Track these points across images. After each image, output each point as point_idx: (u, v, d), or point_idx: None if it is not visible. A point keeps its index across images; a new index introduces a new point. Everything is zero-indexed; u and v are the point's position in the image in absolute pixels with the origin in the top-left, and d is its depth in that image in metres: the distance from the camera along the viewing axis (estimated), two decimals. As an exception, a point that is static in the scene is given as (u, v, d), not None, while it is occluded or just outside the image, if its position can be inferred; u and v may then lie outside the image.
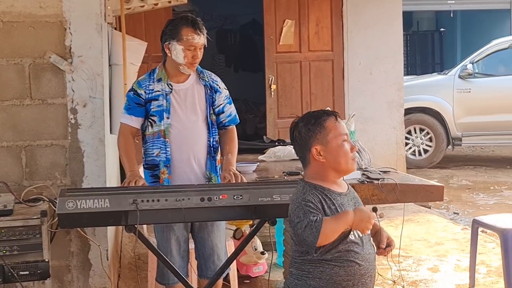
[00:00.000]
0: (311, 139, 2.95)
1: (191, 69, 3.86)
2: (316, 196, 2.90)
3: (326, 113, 3.00)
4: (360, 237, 2.94)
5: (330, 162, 2.95)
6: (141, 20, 7.36)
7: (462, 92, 10.43)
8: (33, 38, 4.26)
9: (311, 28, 8.29)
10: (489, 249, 5.77)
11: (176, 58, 3.83)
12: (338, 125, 2.99)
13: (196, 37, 3.79)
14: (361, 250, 2.94)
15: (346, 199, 3.00)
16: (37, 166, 4.32)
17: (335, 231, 2.82)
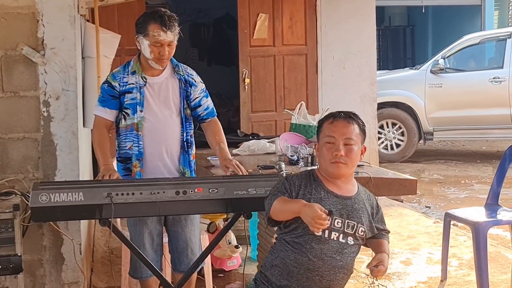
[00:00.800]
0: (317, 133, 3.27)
1: (159, 64, 3.83)
2: (302, 179, 3.14)
3: (334, 115, 3.20)
4: (330, 239, 3.07)
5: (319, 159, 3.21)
6: (114, 12, 7.29)
7: (434, 87, 10.52)
8: (5, 29, 4.20)
9: (285, 22, 8.28)
10: (461, 242, 5.84)
11: (144, 52, 3.82)
12: (330, 126, 3.15)
13: (162, 34, 3.75)
14: (320, 247, 3.06)
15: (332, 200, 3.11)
16: (9, 159, 4.26)
17: (281, 211, 3.06)
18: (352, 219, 3.13)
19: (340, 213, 3.11)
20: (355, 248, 3.17)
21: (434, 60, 10.71)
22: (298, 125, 5.08)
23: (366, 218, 3.18)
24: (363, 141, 3.22)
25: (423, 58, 14.78)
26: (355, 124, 3.18)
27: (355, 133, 3.16)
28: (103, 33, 5.17)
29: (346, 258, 3.12)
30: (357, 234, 3.14)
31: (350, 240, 3.12)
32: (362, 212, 3.17)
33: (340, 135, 3.13)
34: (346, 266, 3.13)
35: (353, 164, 3.16)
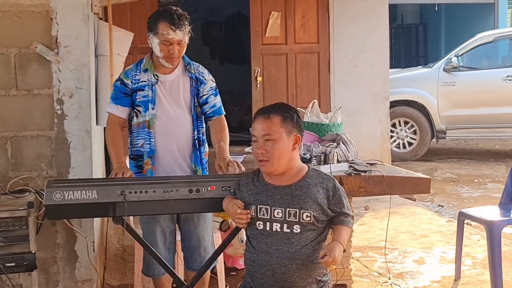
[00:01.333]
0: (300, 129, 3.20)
1: (169, 63, 3.84)
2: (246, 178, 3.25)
3: (256, 113, 3.18)
4: (273, 231, 3.06)
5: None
6: (127, 11, 7.32)
7: (447, 85, 10.47)
8: (19, 28, 4.22)
9: (297, 20, 8.27)
10: (474, 241, 5.81)
11: (154, 50, 3.83)
12: (253, 125, 3.14)
13: (171, 32, 3.75)
14: (265, 241, 3.08)
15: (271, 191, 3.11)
16: (23, 157, 4.28)
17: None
18: (292, 206, 3.06)
19: (279, 203, 3.07)
20: (306, 236, 3.06)
21: (447, 58, 10.66)
22: (310, 123, 5.05)
23: (313, 202, 3.07)
24: (290, 131, 3.11)
25: (436, 56, 14.71)
26: (275, 117, 3.09)
27: (274, 127, 3.07)
28: (116, 31, 5.18)
29: (295, 247, 3.04)
30: (302, 220, 3.05)
31: (296, 229, 3.05)
32: (305, 197, 3.07)
33: (259, 133, 3.09)
34: (297, 256, 3.04)
35: (278, 158, 3.08)
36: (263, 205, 3.10)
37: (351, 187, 4.16)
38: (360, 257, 5.48)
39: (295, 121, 3.14)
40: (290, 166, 3.14)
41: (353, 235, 4.55)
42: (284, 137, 3.09)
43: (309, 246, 3.07)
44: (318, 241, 3.10)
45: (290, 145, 3.11)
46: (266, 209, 3.09)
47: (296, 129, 3.14)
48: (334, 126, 4.94)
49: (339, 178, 4.15)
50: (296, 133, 3.14)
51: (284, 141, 3.09)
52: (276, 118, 3.09)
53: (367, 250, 5.67)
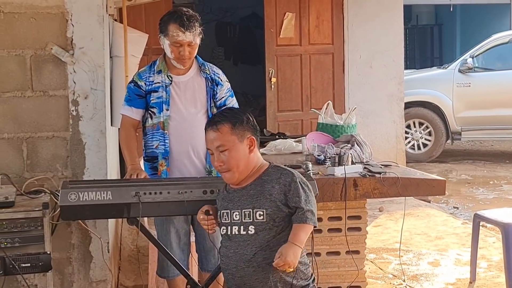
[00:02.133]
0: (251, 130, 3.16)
1: (180, 64, 3.84)
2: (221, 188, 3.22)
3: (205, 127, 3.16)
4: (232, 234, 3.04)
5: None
6: (142, 12, 7.33)
7: (462, 86, 10.42)
8: (35, 29, 4.24)
9: (312, 21, 8.26)
10: (490, 244, 5.77)
11: (166, 52, 3.85)
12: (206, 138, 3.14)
13: (181, 34, 3.75)
14: (227, 245, 3.07)
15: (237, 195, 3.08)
16: (38, 158, 4.30)
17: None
18: (247, 206, 3.00)
19: (236, 205, 3.05)
20: (262, 236, 2.96)
21: (463, 59, 10.61)
22: (325, 124, 5.05)
23: (266, 200, 2.97)
24: (242, 135, 3.06)
25: (451, 57, 14.64)
26: (224, 126, 3.04)
27: (225, 136, 3.03)
28: (131, 32, 5.20)
29: (250, 249, 2.96)
30: (255, 220, 2.97)
31: (250, 230, 2.97)
32: (259, 196, 2.99)
33: (212, 146, 3.08)
34: (253, 258, 2.96)
35: (237, 166, 3.04)
36: (224, 210, 3.10)
37: (366, 189, 4.15)
38: (375, 259, 5.47)
39: (245, 124, 3.08)
40: (248, 168, 3.08)
41: (367, 236, 4.54)
42: (238, 143, 3.05)
43: (266, 248, 2.96)
44: (278, 242, 2.95)
45: (246, 149, 3.07)
46: (227, 213, 3.08)
47: (249, 131, 3.09)
48: (349, 127, 4.94)
49: (353, 179, 4.15)
50: (250, 136, 3.08)
51: (239, 148, 3.05)
52: (225, 127, 3.04)
53: (382, 252, 5.65)
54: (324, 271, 4.36)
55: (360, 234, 4.46)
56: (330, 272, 4.44)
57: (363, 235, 4.47)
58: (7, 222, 3.67)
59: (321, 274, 4.24)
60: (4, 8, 4.21)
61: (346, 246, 4.38)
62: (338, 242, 4.42)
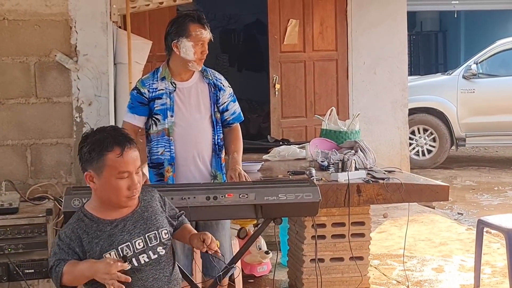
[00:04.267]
0: (87, 162, 2.73)
1: (200, 65, 3.87)
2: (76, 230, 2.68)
3: (115, 143, 2.70)
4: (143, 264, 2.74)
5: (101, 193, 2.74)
6: (146, 19, 7.34)
7: (466, 93, 10.41)
8: (39, 36, 4.27)
9: (316, 27, 8.27)
10: (494, 250, 5.76)
11: (185, 55, 3.82)
12: (125, 158, 2.69)
13: (204, 32, 3.81)
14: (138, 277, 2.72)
15: (121, 226, 2.74)
16: (42, 164, 4.32)
17: (75, 279, 2.63)
18: (150, 230, 2.79)
19: (135, 234, 2.75)
20: (169, 253, 2.87)
21: (467, 66, 10.60)
22: (328, 130, 5.06)
23: (161, 216, 2.87)
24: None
25: (455, 64, 14.64)
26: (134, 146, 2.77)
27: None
28: (134, 39, 5.22)
29: (168, 269, 2.85)
30: (162, 239, 2.81)
31: (160, 251, 2.80)
32: (155, 215, 2.84)
33: (134, 167, 2.72)
34: (173, 276, 2.87)
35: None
36: (122, 244, 2.71)
37: (369, 195, 4.15)
38: (379, 265, 5.46)
39: None
40: None
41: (371, 242, 4.54)
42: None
43: (173, 263, 2.91)
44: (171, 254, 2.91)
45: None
46: (127, 246, 2.72)
47: None
48: (352, 133, 4.94)
49: (357, 185, 4.15)
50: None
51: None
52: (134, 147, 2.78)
53: (386, 258, 5.64)
54: (328, 277, 4.37)
55: (364, 240, 4.46)
56: (333, 278, 4.44)
57: (367, 241, 4.47)
58: (11, 228, 3.69)
59: (324, 280, 4.26)
60: (9, 15, 4.24)
61: (350, 252, 4.38)
62: (341, 248, 4.43)
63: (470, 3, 14.94)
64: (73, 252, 2.66)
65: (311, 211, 3.55)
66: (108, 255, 2.66)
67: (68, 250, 2.66)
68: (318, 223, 4.25)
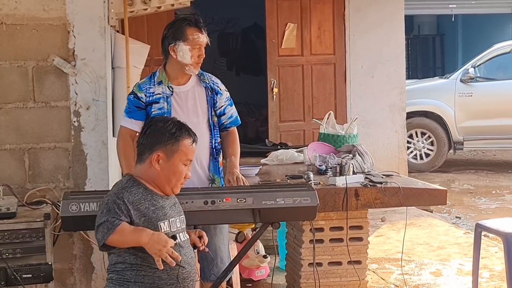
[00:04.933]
0: (161, 144, 3.02)
1: (197, 68, 3.86)
2: (134, 194, 2.94)
3: (189, 134, 3.09)
4: (182, 240, 3.01)
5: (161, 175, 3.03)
6: (144, 23, 7.35)
7: (464, 96, 10.42)
8: (37, 40, 4.26)
9: (313, 31, 8.28)
10: (492, 253, 5.76)
11: (182, 59, 3.82)
12: (191, 149, 3.07)
13: (201, 35, 3.81)
14: (184, 253, 2.99)
15: (168, 202, 3.05)
16: (40, 168, 4.32)
17: (125, 242, 2.86)
18: (180, 213, 3.12)
19: (173, 213, 3.07)
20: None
21: (464, 69, 10.62)
22: (326, 134, 5.06)
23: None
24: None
25: (453, 67, 14.65)
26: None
27: None
28: (132, 43, 5.22)
29: (191, 250, 3.11)
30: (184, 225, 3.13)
31: (186, 235, 3.10)
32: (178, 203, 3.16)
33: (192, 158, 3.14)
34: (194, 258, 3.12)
35: None
36: (170, 218, 3.03)
37: (367, 199, 4.15)
38: (377, 269, 5.46)
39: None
40: None
41: (369, 246, 4.54)
42: None
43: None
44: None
45: None
46: (173, 221, 3.05)
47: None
48: (350, 137, 4.95)
49: (355, 189, 4.15)
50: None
51: None
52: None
53: (384, 262, 5.64)
54: (325, 281, 4.36)
55: (362, 244, 4.46)
56: (331, 282, 4.43)
57: (365, 245, 4.47)
58: (9, 232, 3.68)
59: (322, 285, 4.26)
60: (6, 20, 4.24)
61: (347, 256, 4.38)
62: (339, 252, 4.42)
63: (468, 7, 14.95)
64: (128, 215, 2.86)
65: (309, 215, 3.56)
66: (162, 223, 2.92)
67: (123, 211, 2.85)
68: (316, 227, 4.25)
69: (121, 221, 2.84)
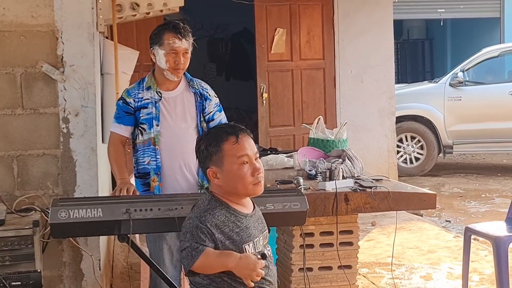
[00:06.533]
0: (207, 159, 2.78)
1: (175, 74, 3.85)
2: (217, 217, 2.71)
3: (228, 133, 2.78)
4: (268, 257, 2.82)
5: (226, 186, 2.76)
6: (133, 29, 7.36)
7: (453, 100, 10.46)
8: (25, 47, 4.25)
9: (303, 36, 8.30)
10: (482, 257, 5.78)
11: (159, 63, 3.84)
12: (241, 145, 2.76)
13: (177, 41, 3.79)
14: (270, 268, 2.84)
15: (252, 221, 2.82)
16: (29, 175, 4.30)
17: (212, 268, 2.69)
18: (264, 228, 2.91)
19: (258, 229, 2.85)
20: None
21: (453, 73, 10.66)
22: (316, 139, 5.06)
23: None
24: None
25: (442, 71, 14.71)
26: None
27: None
28: (121, 49, 5.21)
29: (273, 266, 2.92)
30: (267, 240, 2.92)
31: (268, 249, 2.89)
32: (262, 217, 2.94)
33: (252, 151, 2.78)
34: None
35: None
36: (255, 238, 2.81)
37: (357, 203, 4.16)
38: (367, 273, 5.46)
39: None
40: None
41: (359, 251, 4.54)
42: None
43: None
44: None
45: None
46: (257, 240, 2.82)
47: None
48: (340, 142, 4.95)
49: (344, 194, 4.15)
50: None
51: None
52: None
53: (374, 266, 5.64)
54: (316, 286, 4.36)
55: (352, 249, 4.46)
56: (322, 287, 4.43)
57: (355, 250, 4.47)
58: (-3, 240, 3.66)
59: (313, 290, 4.25)
60: (-6, 26, 4.22)
61: (338, 261, 4.37)
62: (330, 257, 4.42)
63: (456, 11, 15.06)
64: (212, 239, 2.67)
65: (299, 220, 3.56)
66: (247, 246, 2.73)
67: (206, 235, 2.66)
68: (306, 232, 4.25)
69: (205, 246, 2.65)
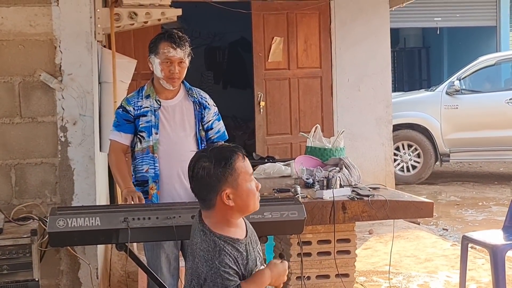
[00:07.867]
0: (221, 182, 2.70)
1: (170, 84, 3.86)
2: (230, 255, 2.68)
3: (234, 151, 2.76)
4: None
5: (240, 205, 2.73)
6: (130, 37, 7.37)
7: (450, 109, 10.49)
8: (23, 56, 4.27)
9: (300, 45, 8.32)
10: (479, 265, 5.78)
11: (156, 72, 3.87)
12: (246, 163, 2.76)
13: (172, 50, 3.80)
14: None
15: (249, 241, 2.80)
16: (27, 184, 4.30)
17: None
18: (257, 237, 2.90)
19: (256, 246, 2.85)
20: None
21: (450, 82, 10.69)
22: (313, 148, 5.08)
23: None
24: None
25: (439, 80, 14.74)
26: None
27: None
28: (119, 58, 5.23)
29: None
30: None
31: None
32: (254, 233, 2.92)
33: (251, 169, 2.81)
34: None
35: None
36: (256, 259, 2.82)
37: (354, 212, 4.17)
38: (365, 281, 5.46)
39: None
40: None
41: (357, 259, 4.55)
42: None
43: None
44: None
45: None
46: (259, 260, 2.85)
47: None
48: (337, 150, 4.96)
49: (342, 202, 4.16)
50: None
51: None
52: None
53: (372, 275, 5.65)
54: (314, 295, 4.36)
55: (350, 257, 4.46)
56: (320, 295, 4.43)
57: (353, 258, 4.48)
58: (-5, 249, 3.66)
59: (310, 298, 4.25)
60: (-7, 35, 4.23)
61: (335, 269, 4.38)
62: (327, 266, 4.43)
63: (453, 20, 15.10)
64: (236, 274, 2.67)
65: (297, 229, 3.56)
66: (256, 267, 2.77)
67: (232, 274, 2.65)
68: (303, 240, 4.26)
69: (237, 281, 2.66)
